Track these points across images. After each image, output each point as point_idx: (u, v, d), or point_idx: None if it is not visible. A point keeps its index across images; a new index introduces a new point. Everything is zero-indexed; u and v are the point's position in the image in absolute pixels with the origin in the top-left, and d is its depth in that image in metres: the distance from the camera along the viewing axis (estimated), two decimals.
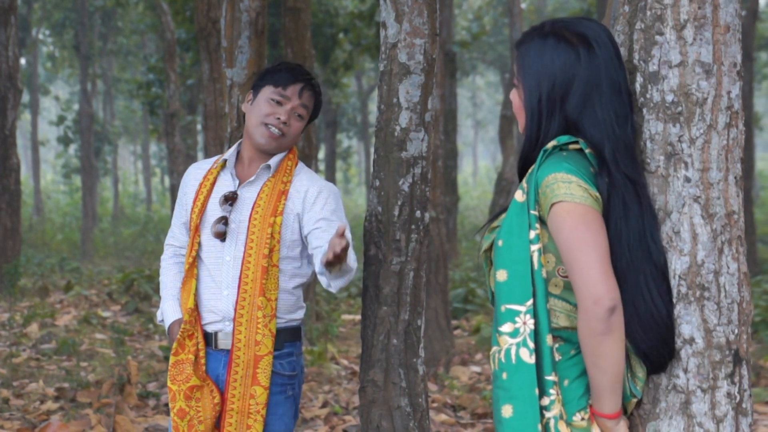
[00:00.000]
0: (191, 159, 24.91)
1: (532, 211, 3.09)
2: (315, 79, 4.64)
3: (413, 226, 4.80)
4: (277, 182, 4.49)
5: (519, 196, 3.14)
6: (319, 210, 4.43)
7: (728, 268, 3.08)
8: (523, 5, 35.27)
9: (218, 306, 4.45)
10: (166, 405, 8.93)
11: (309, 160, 12.62)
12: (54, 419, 7.97)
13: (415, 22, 4.73)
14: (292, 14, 12.57)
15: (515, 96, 3.25)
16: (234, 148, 4.61)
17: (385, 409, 4.86)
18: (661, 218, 3.10)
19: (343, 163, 42.32)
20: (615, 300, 2.96)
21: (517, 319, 3.09)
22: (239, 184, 4.52)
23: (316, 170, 12.76)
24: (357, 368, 10.58)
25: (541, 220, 3.10)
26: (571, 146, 3.11)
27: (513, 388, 3.09)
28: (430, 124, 4.82)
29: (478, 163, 77.72)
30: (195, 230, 4.49)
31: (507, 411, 3.09)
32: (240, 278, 4.39)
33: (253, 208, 4.42)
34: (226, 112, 7.02)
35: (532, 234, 3.09)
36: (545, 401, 3.08)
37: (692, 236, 3.07)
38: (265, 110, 4.46)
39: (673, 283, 3.08)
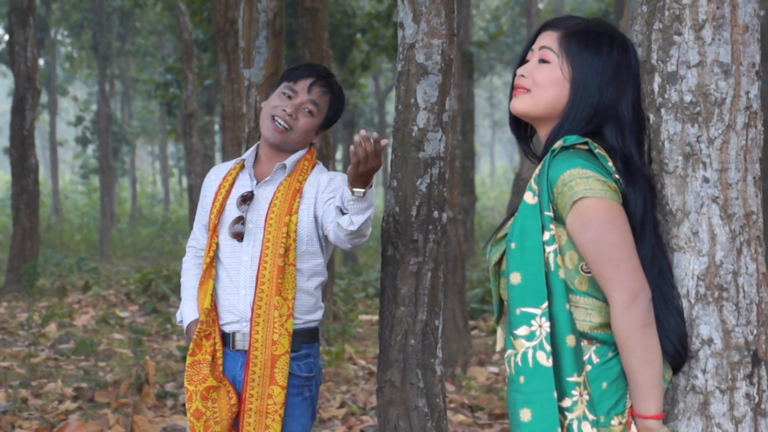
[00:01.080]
0: (209, 159, 24.95)
1: (546, 212, 3.08)
2: (332, 77, 4.63)
3: (431, 227, 4.80)
4: (293, 181, 4.50)
5: (529, 198, 3.12)
6: (330, 191, 4.46)
7: (747, 268, 3.08)
8: (541, 5, 35.25)
9: (236, 306, 4.45)
10: (184, 405, 8.93)
11: (326, 160, 12.62)
12: (72, 419, 8.00)
13: (432, 22, 4.73)
14: (310, 14, 12.57)
15: (550, 70, 3.20)
16: (253, 148, 4.63)
17: (402, 410, 4.85)
18: (679, 219, 3.09)
19: None
20: (650, 292, 2.98)
21: (532, 322, 3.08)
22: (256, 184, 4.53)
23: (333, 170, 12.75)
24: (374, 369, 10.57)
25: (557, 220, 3.09)
26: (579, 146, 3.11)
27: (531, 392, 3.08)
28: (447, 124, 4.82)
29: (496, 164, 77.68)
30: (213, 230, 4.50)
31: (525, 415, 3.08)
32: (257, 278, 4.40)
33: (269, 208, 4.44)
34: (243, 112, 7.03)
35: (547, 235, 3.08)
36: (567, 403, 3.07)
37: (711, 237, 3.06)
38: (274, 103, 4.50)
39: (692, 284, 3.08)
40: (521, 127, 3.41)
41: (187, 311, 4.61)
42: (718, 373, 3.07)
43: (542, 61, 3.20)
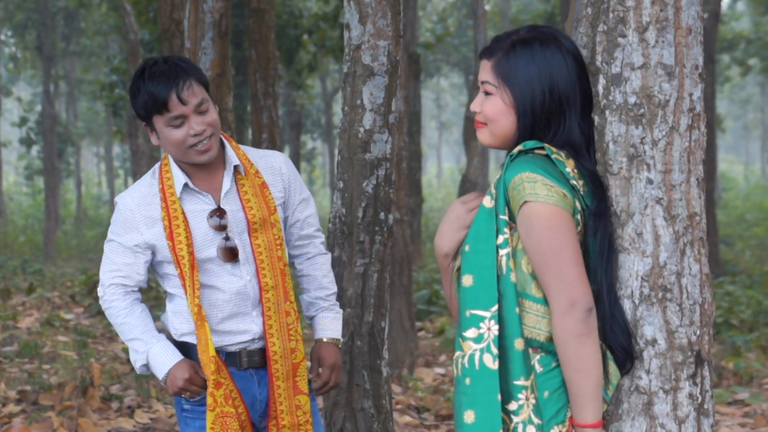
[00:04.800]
0: (155, 160, 24.79)
1: (501, 216, 3.10)
2: (172, 60, 4.06)
3: (377, 228, 4.80)
4: (250, 176, 4.15)
5: (487, 201, 3.15)
6: (297, 193, 4.29)
7: (690, 269, 3.10)
8: (487, 7, 35.35)
9: (250, 329, 4.12)
10: (129, 407, 8.90)
11: None
12: (16, 422, 7.93)
13: (378, 23, 4.73)
14: (256, 15, 12.55)
15: (494, 102, 3.22)
16: (175, 167, 4.11)
17: (348, 411, 4.85)
18: (623, 220, 3.11)
19: (307, 164, 42.26)
20: (591, 301, 2.99)
21: (481, 324, 3.10)
22: (213, 198, 4.12)
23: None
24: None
25: (512, 224, 3.11)
26: (537, 151, 3.13)
27: (476, 394, 3.09)
28: (394, 125, 4.82)
29: (443, 165, 77.77)
30: (193, 268, 4.04)
31: (469, 416, 3.10)
32: (260, 291, 4.11)
33: (246, 215, 4.10)
34: None
35: (501, 239, 3.10)
36: (513, 406, 3.08)
37: (654, 238, 3.08)
38: (177, 137, 3.97)
39: (636, 284, 3.10)
40: None
41: (161, 354, 4.10)
42: (661, 373, 3.09)
43: (486, 93, 3.23)
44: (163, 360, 4.08)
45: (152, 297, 14.90)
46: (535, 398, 3.09)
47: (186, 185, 4.07)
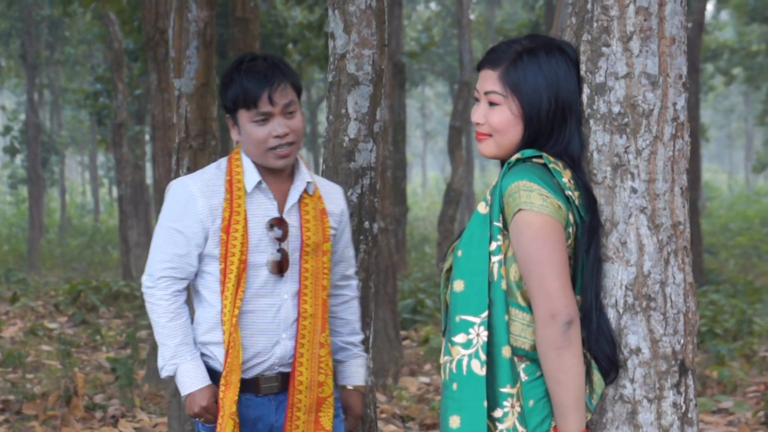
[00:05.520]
0: (139, 169, 24.79)
1: (495, 223, 3.11)
2: (271, 59, 3.99)
3: (362, 237, 4.80)
4: (315, 199, 4.05)
5: (482, 207, 3.15)
6: (347, 230, 4.25)
7: (674, 278, 3.10)
8: (472, 16, 35.39)
9: (273, 353, 3.97)
10: (113, 417, 8.88)
11: None
12: None
13: (363, 32, 4.73)
14: (241, 24, 12.54)
15: (501, 112, 3.21)
16: (248, 162, 3.99)
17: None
18: (607, 229, 3.11)
19: None
20: (572, 314, 2.99)
21: (470, 330, 3.10)
22: (278, 206, 4.00)
23: None
24: None
25: (506, 231, 3.11)
26: (535, 160, 3.14)
27: (463, 399, 3.10)
28: (378, 134, 4.82)
29: (427, 174, 77.84)
30: (243, 268, 3.90)
31: (455, 422, 3.10)
32: (299, 315, 3.96)
33: (302, 234, 3.98)
34: (174, 122, 6.99)
35: (494, 245, 3.11)
36: (498, 413, 3.09)
37: (639, 247, 3.09)
38: (259, 135, 3.88)
39: (620, 293, 3.10)
40: None
41: (192, 374, 3.96)
42: (645, 382, 3.10)
43: (492, 103, 3.21)
44: (190, 381, 3.95)
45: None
46: (520, 406, 3.10)
47: (259, 183, 3.96)
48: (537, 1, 25.49)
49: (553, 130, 3.16)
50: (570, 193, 3.09)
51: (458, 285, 3.15)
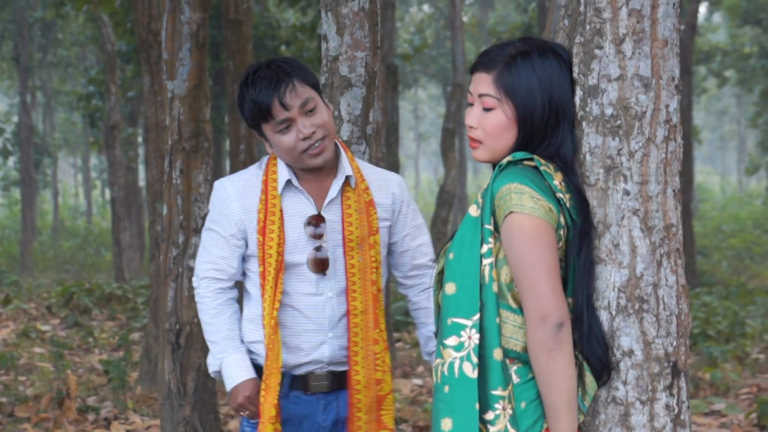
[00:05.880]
0: (132, 172, 24.77)
1: (486, 225, 3.10)
2: (275, 63, 3.91)
3: None
4: (359, 191, 3.95)
5: (473, 210, 3.15)
6: (410, 219, 4.10)
7: (667, 280, 3.11)
8: (465, 19, 35.40)
9: (322, 352, 3.91)
10: (106, 419, 8.86)
11: None
12: None
13: (356, 35, 4.73)
14: (234, 27, 12.54)
15: (495, 116, 3.20)
16: (281, 162, 3.94)
17: None
18: (600, 231, 3.11)
19: None
20: (563, 317, 2.99)
21: (462, 333, 3.10)
22: (315, 203, 3.93)
23: None
24: None
25: (497, 234, 3.11)
26: (526, 162, 3.14)
27: (454, 402, 3.10)
28: (371, 136, 4.82)
29: (420, 176, 77.80)
30: (279, 270, 3.85)
31: (447, 424, 3.10)
32: (348, 313, 3.88)
33: (343, 230, 3.90)
34: (167, 124, 6.99)
35: (485, 248, 3.11)
36: (490, 416, 3.09)
37: (631, 249, 3.09)
38: (287, 143, 3.82)
39: (612, 295, 3.10)
40: None
41: (235, 367, 3.92)
42: (638, 384, 3.10)
43: (486, 107, 3.20)
44: (233, 374, 3.91)
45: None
46: (512, 409, 3.09)
47: (289, 182, 3.90)
48: (530, 4, 25.52)
49: (546, 132, 3.16)
50: (561, 195, 3.09)
51: (450, 287, 3.15)
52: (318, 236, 3.87)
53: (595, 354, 3.09)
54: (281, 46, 19.74)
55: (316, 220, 3.88)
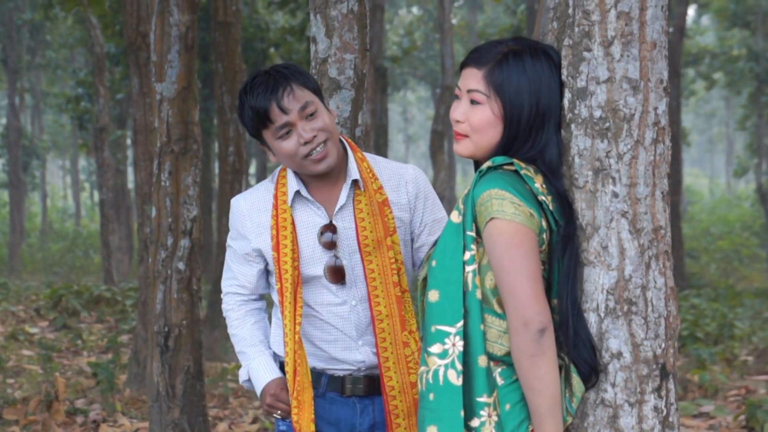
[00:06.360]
0: (120, 174, 24.73)
1: (468, 232, 3.10)
2: (274, 69, 3.84)
3: None
4: (370, 192, 3.85)
5: (455, 216, 3.15)
6: (428, 213, 3.97)
7: (655, 282, 3.11)
8: (454, 21, 35.43)
9: (354, 358, 3.85)
10: (94, 422, 8.85)
11: (240, 175, 12.58)
12: None
13: (345, 37, 4.73)
14: (223, 29, 12.54)
15: (482, 111, 3.21)
16: (291, 173, 3.87)
17: None
18: (589, 233, 3.11)
19: None
20: (545, 322, 2.99)
21: (446, 340, 3.10)
22: (326, 211, 3.85)
23: (247, 186, 12.72)
24: None
25: (479, 240, 3.11)
26: (506, 167, 3.13)
27: (439, 409, 3.10)
28: (360, 138, 4.82)
29: None
30: (296, 284, 3.78)
31: None
32: (373, 319, 3.79)
33: (358, 235, 3.81)
34: (155, 126, 6.98)
35: (467, 255, 3.10)
36: (475, 423, 3.09)
37: (620, 251, 3.09)
38: (288, 149, 3.73)
39: (601, 297, 3.10)
40: None
41: (261, 369, 3.90)
42: (627, 386, 3.10)
43: (473, 102, 3.20)
44: (259, 377, 3.89)
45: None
46: (497, 415, 3.10)
47: (298, 193, 3.83)
48: (519, 6, 25.53)
49: (531, 133, 3.16)
50: (543, 198, 3.09)
51: (433, 295, 3.15)
52: (332, 245, 3.80)
53: (582, 358, 3.09)
54: (270, 49, 19.75)
55: (328, 230, 3.81)
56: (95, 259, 28.16)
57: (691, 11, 37.48)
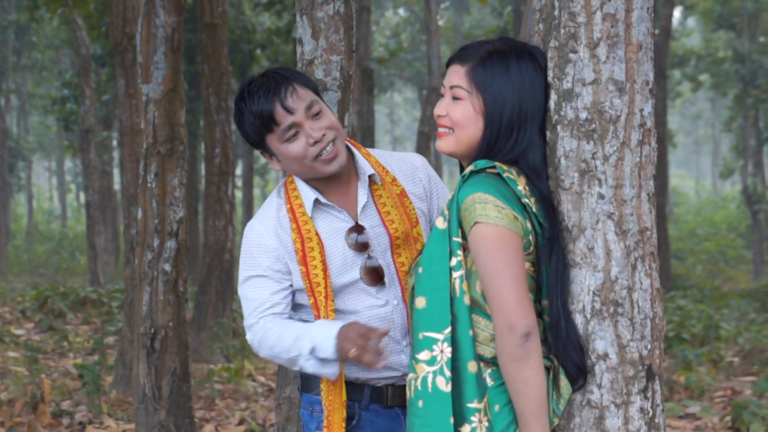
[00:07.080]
0: (107, 175, 24.69)
1: (454, 238, 3.10)
2: (270, 72, 3.68)
3: None
4: (387, 186, 3.71)
5: (440, 222, 3.15)
6: (441, 198, 3.84)
7: (641, 284, 3.11)
8: (441, 22, 35.45)
9: (400, 362, 3.67)
10: (81, 424, 8.83)
11: (226, 176, 12.57)
12: None
13: (331, 38, 4.72)
14: (209, 30, 12.52)
15: (463, 107, 3.21)
16: (301, 182, 3.70)
17: (301, 426, 4.83)
18: (575, 235, 3.12)
19: (260, 179, 42.16)
20: (529, 326, 2.99)
21: (434, 347, 3.10)
22: (348, 214, 3.68)
23: (233, 187, 12.70)
24: (274, 385, 10.52)
25: (466, 245, 3.11)
26: (489, 170, 3.13)
27: (429, 416, 3.09)
28: None
29: None
30: (327, 297, 3.59)
31: None
32: (408, 318, 3.60)
33: (387, 229, 3.67)
34: (141, 128, 6.97)
35: (454, 261, 3.10)
36: (466, 429, 3.09)
37: (606, 252, 3.09)
38: (296, 151, 3.58)
39: (587, 299, 3.10)
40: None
41: (323, 328, 3.51)
42: (613, 387, 3.10)
43: (455, 98, 3.21)
44: (327, 332, 3.50)
45: None
46: (488, 420, 3.09)
47: (317, 201, 3.65)
48: (505, 8, 25.58)
49: (512, 133, 3.16)
50: (527, 200, 3.09)
51: (420, 302, 3.15)
52: (363, 247, 3.63)
53: (571, 359, 3.09)
54: (256, 50, 19.74)
55: (357, 230, 3.64)
56: (81, 261, 28.11)
57: (677, 13, 37.57)
